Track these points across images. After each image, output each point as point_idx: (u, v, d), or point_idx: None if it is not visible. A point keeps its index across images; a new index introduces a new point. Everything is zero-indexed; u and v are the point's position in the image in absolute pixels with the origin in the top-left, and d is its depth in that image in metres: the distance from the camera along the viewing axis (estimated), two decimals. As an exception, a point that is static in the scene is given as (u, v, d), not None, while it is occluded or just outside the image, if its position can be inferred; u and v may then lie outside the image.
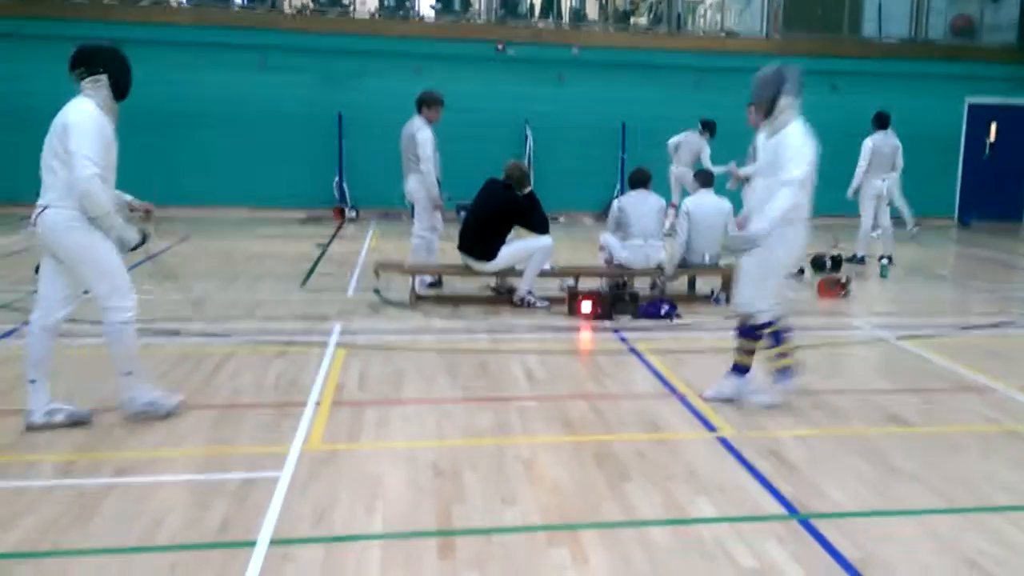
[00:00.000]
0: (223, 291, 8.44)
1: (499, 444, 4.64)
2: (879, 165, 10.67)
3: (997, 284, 10.01)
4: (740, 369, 5.43)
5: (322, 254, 10.91)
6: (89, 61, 4.49)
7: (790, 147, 4.94)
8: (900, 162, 11.18)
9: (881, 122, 10.85)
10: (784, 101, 5.02)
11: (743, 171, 9.52)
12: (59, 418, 4.68)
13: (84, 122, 4.39)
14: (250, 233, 12.62)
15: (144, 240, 4.69)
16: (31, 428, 4.63)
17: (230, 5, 15.11)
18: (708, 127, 12.43)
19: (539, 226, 7.92)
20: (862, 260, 10.84)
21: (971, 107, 16.85)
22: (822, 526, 3.77)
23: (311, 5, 15.49)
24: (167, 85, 14.24)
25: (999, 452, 4.71)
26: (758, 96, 5.08)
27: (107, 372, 5.04)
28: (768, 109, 5.03)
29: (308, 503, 3.87)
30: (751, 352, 5.40)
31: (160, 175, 14.20)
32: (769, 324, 5.25)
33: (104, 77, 4.50)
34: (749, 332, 5.35)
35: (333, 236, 12.60)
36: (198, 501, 3.87)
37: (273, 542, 3.51)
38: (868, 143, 10.75)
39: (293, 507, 3.83)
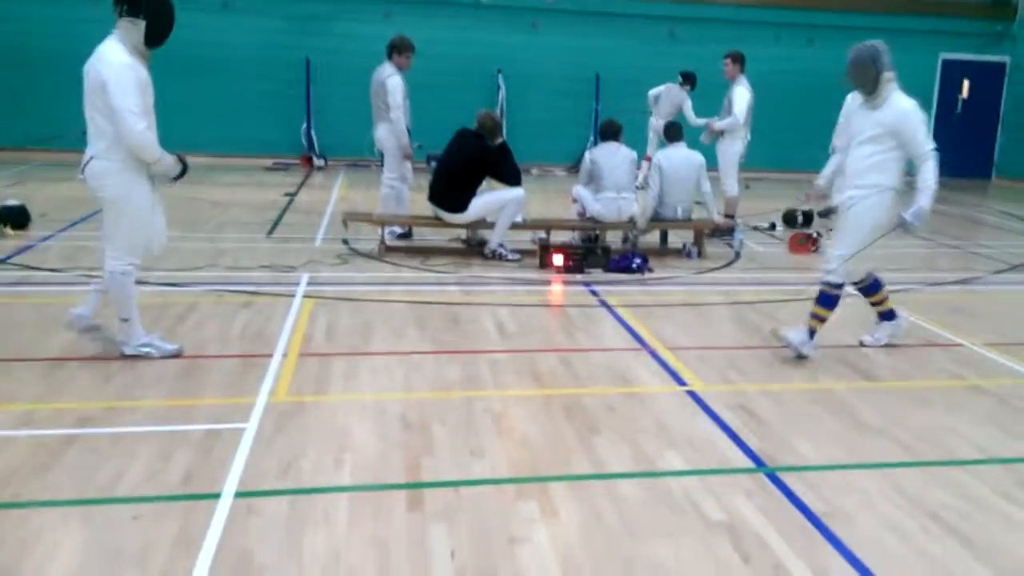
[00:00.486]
0: (186, 239, 8.27)
1: (468, 397, 4.61)
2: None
3: (965, 240, 10.08)
4: (885, 315, 5.78)
5: (289, 203, 10.74)
6: (134, 1, 4.44)
7: (911, 121, 5.14)
8: None
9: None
10: (885, 76, 5.15)
11: (718, 124, 9.45)
12: (94, 334, 5.06)
13: (120, 75, 4.40)
14: (214, 181, 12.32)
15: (185, 169, 4.83)
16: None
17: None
18: (689, 79, 12.21)
19: (511, 178, 7.83)
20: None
21: (945, 63, 16.84)
22: (789, 479, 3.79)
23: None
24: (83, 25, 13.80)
25: (963, 407, 4.76)
26: (858, 77, 5.18)
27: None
28: (872, 87, 5.16)
29: (274, 455, 3.82)
30: (881, 301, 5.74)
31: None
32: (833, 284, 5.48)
33: (142, 23, 4.45)
34: (868, 288, 5.70)
35: (301, 185, 12.39)
36: (161, 452, 3.80)
37: (238, 494, 3.46)
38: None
39: (259, 459, 3.78)
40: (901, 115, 5.13)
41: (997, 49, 16.80)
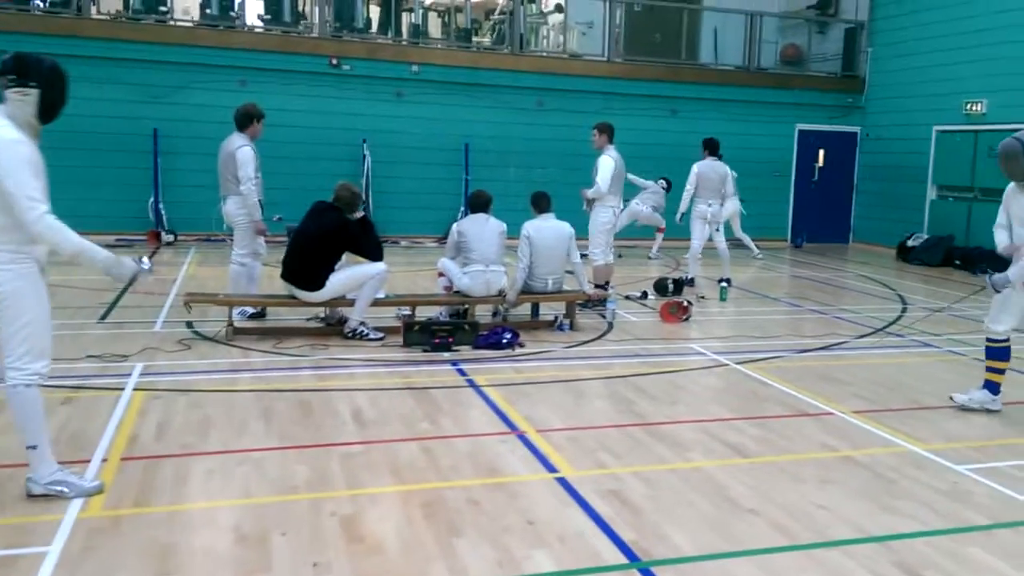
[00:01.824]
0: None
1: (315, 500, 4.13)
2: (706, 189, 10.79)
3: (828, 305, 10.28)
4: (991, 385, 5.99)
5: (129, 284, 9.92)
6: (22, 71, 3.88)
7: None
8: (730, 189, 11.36)
9: (709, 148, 11.00)
10: None
11: (588, 193, 9.40)
12: None
13: (11, 156, 3.77)
14: (48, 260, 11.37)
15: (140, 271, 4.25)
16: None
17: (31, 9, 13.74)
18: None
19: (372, 252, 7.44)
20: (691, 282, 10.92)
21: (801, 133, 17.60)
22: (663, 574, 3.49)
23: (124, 12, 14.34)
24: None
25: (836, 480, 4.61)
26: (1010, 168, 5.52)
27: None
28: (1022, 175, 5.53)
29: (77, 586, 3.25)
30: (1000, 370, 5.96)
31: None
32: (1004, 340, 5.90)
33: (34, 92, 3.88)
34: (1000, 352, 5.93)
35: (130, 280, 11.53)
36: (-64, 592, 3.18)
37: (24, 641, 2.89)
38: (695, 168, 10.88)
39: (58, 592, 3.20)
40: None
41: (848, 119, 17.68)
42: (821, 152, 17.62)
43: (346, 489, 4.28)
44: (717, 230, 11.15)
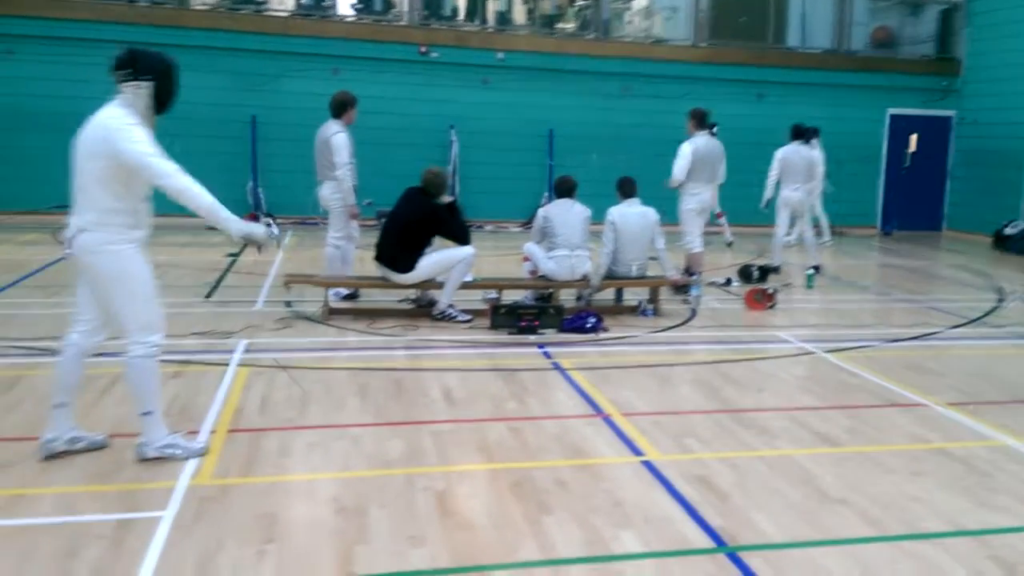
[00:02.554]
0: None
1: (409, 475, 4.30)
2: (790, 175, 10.64)
3: (919, 294, 10.03)
4: None
5: (231, 264, 10.36)
6: (136, 65, 4.12)
7: None
8: (819, 173, 11.15)
9: (795, 133, 10.82)
10: None
11: (667, 183, 9.41)
12: (80, 445, 4.39)
13: (129, 132, 4.03)
14: (156, 241, 11.82)
15: (270, 235, 4.47)
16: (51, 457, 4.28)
17: (134, 0, 14.35)
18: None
19: (460, 236, 7.60)
20: (777, 269, 10.78)
21: (892, 117, 17.10)
22: (751, 560, 3.54)
23: (223, 2, 14.84)
24: (65, 84, 13.42)
25: (928, 472, 4.56)
26: None
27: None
28: None
29: (192, 548, 3.48)
30: None
31: (58, 179, 13.35)
32: None
33: (149, 85, 4.13)
34: None
35: (244, 245, 11.99)
36: (66, 547, 3.44)
37: (147, 596, 3.12)
38: (778, 154, 10.75)
39: (175, 552, 3.44)
40: None
41: (943, 103, 17.11)
42: (913, 137, 17.08)
43: (438, 465, 4.44)
44: (801, 216, 11.00)
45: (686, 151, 9.26)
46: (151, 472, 4.21)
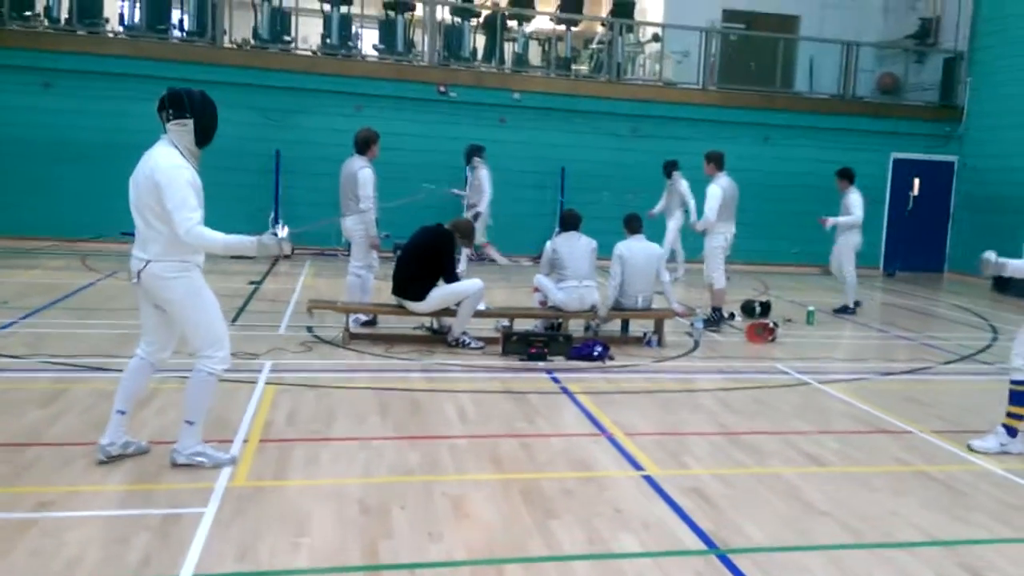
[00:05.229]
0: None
1: (427, 481, 4.68)
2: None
3: (917, 332, 10.39)
4: (1010, 429, 5.67)
5: (254, 291, 10.80)
6: (178, 104, 4.51)
7: None
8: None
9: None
10: None
11: (698, 226, 9.84)
12: (130, 450, 4.79)
13: (173, 178, 4.40)
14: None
15: (281, 240, 4.67)
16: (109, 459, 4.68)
17: (168, 38, 15.00)
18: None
19: (450, 273, 7.88)
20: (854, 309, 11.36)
21: (896, 162, 17.55)
22: (739, 561, 3.89)
23: (252, 41, 15.49)
24: (102, 118, 14.06)
25: (909, 492, 4.91)
26: None
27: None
28: None
29: (232, 539, 3.86)
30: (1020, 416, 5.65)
31: (94, 208, 13.94)
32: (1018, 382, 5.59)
33: (190, 122, 4.51)
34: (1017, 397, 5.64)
35: (266, 273, 12.44)
36: (119, 537, 3.82)
37: (195, 577, 3.50)
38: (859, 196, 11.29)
39: (217, 543, 3.82)
40: None
41: (946, 149, 17.55)
42: (916, 181, 17.51)
43: (454, 474, 4.82)
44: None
45: (717, 192, 9.62)
46: (192, 475, 4.60)
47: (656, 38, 17.62)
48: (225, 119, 4.91)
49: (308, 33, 16.22)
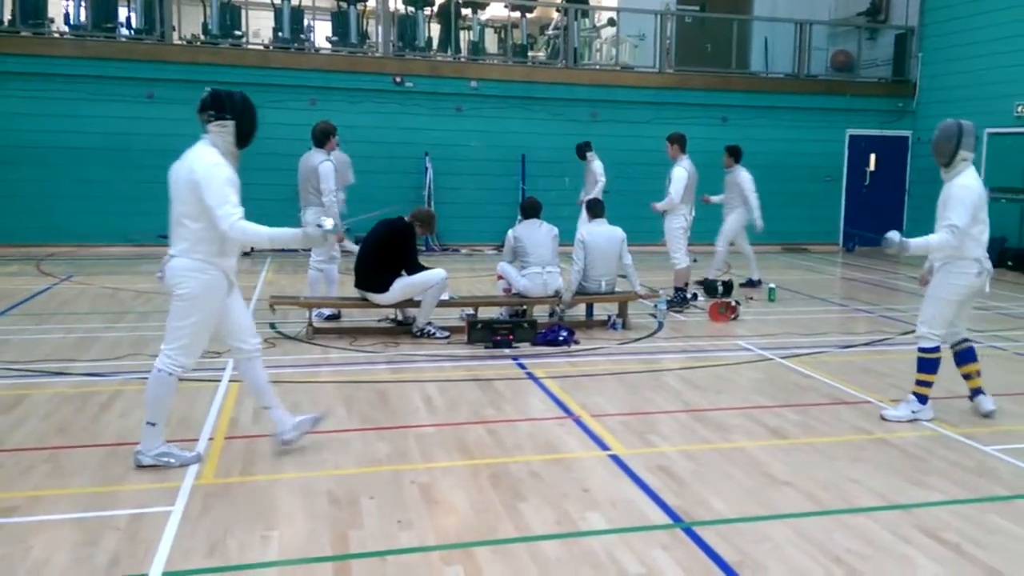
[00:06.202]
0: (109, 330, 8.23)
1: (396, 471, 4.70)
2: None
3: (875, 305, 10.58)
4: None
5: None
6: (219, 106, 4.55)
7: (953, 197, 5.44)
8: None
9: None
10: (961, 154, 5.50)
11: (659, 206, 9.89)
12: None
13: (213, 176, 4.44)
14: (137, 270, 12.22)
15: (326, 231, 4.72)
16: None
17: (116, 36, 14.73)
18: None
19: (411, 263, 7.87)
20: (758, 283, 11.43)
21: (851, 138, 17.79)
22: (704, 533, 3.97)
23: (202, 37, 15.26)
24: (49, 119, 13.78)
25: (868, 459, 5.02)
26: (939, 148, 5.54)
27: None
28: (948, 160, 5.52)
29: (201, 535, 3.86)
30: (969, 375, 5.91)
31: (42, 212, 13.75)
32: (930, 350, 5.73)
33: (231, 124, 4.56)
34: (958, 356, 5.90)
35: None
36: (86, 538, 3.81)
37: (165, 574, 3.50)
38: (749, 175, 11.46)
39: (186, 540, 3.81)
40: (952, 187, 5.48)
41: (899, 124, 17.83)
42: (872, 157, 17.78)
43: (422, 462, 4.85)
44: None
45: (682, 175, 9.70)
46: (158, 475, 4.57)
47: (611, 22, 17.68)
48: (177, 118, 4.89)
49: (259, 27, 16.03)
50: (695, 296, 10.56)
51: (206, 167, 4.45)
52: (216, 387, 6.26)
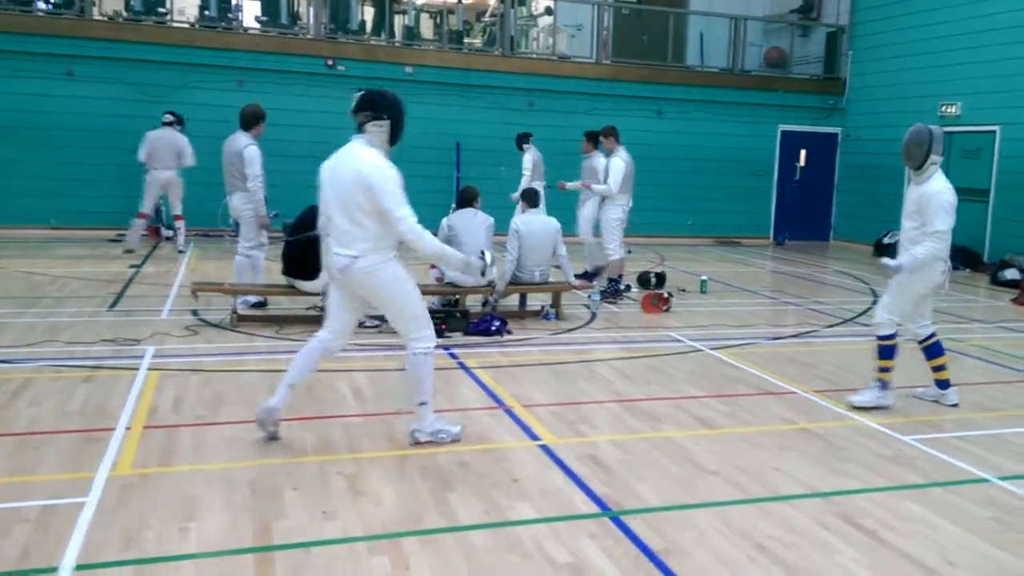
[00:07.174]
0: (21, 315, 7.88)
1: (321, 461, 4.61)
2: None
3: (804, 298, 10.79)
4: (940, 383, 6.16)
5: (135, 275, 10.36)
6: (375, 106, 4.65)
7: (934, 203, 5.60)
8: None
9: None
10: (931, 158, 5.66)
11: (596, 188, 9.97)
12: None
13: (386, 179, 4.54)
14: (52, 254, 11.71)
15: (485, 266, 5.12)
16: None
17: (32, 10, 14.11)
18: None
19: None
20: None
21: (783, 133, 18.12)
22: (631, 521, 3.98)
23: (124, 13, 14.72)
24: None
25: (792, 448, 5.11)
26: (911, 151, 5.69)
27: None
28: (919, 164, 5.67)
29: (116, 528, 3.72)
30: (938, 367, 6.11)
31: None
32: (888, 337, 5.94)
33: (387, 123, 4.66)
34: (928, 350, 6.10)
35: (147, 257, 11.91)
36: (-8, 532, 3.63)
37: (78, 567, 3.38)
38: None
39: (99, 532, 3.67)
40: (929, 193, 5.63)
41: (829, 121, 18.22)
42: (803, 152, 18.14)
43: (348, 453, 4.76)
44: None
45: (620, 166, 9.75)
46: (69, 465, 4.40)
47: (548, 11, 17.65)
48: (98, 96, 4.70)
49: (185, 4, 15.53)
50: (628, 287, 10.63)
51: (378, 170, 4.54)
52: (134, 375, 6.05)
